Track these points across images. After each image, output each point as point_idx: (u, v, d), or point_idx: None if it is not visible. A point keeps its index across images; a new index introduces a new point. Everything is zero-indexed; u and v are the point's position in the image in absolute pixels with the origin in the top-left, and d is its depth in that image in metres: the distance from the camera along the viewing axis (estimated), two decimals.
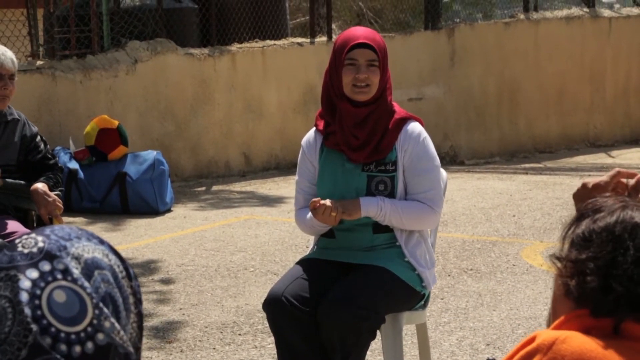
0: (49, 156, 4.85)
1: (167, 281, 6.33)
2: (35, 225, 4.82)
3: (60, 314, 1.43)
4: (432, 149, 3.84)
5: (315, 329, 3.64)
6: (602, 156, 12.33)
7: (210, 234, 7.72)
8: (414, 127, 3.82)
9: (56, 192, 4.72)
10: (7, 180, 4.69)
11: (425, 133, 3.84)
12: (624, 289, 1.69)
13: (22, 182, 4.72)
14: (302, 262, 3.85)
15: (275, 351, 3.84)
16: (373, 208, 3.73)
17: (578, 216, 1.81)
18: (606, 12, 13.28)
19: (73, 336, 1.43)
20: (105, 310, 1.46)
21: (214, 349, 5.06)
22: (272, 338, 3.81)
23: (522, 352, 1.70)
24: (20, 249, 1.47)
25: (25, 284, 1.44)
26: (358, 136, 3.79)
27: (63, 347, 1.42)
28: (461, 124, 12.01)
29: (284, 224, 8.01)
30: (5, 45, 5.76)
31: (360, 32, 3.82)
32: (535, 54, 12.46)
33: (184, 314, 5.62)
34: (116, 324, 1.46)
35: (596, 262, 1.71)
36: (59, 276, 1.45)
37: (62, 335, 1.42)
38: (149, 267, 6.66)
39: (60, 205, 4.66)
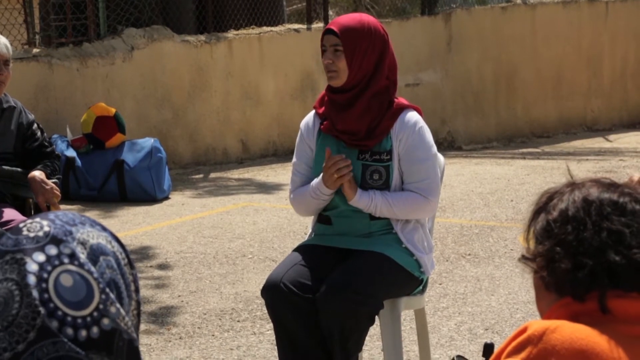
0: (46, 144, 4.84)
1: (165, 268, 6.33)
2: (32, 213, 4.81)
3: (67, 297, 1.43)
4: (429, 138, 3.80)
5: (313, 315, 3.64)
6: (600, 140, 12.33)
7: (208, 221, 7.72)
8: (411, 116, 3.79)
9: (54, 180, 4.71)
10: (4, 167, 4.68)
11: (423, 122, 3.81)
12: (594, 260, 1.73)
13: (20, 169, 4.72)
14: (299, 249, 3.85)
15: (274, 337, 3.85)
16: (364, 201, 3.73)
17: (533, 214, 1.85)
18: None
19: (79, 320, 1.43)
20: (111, 295, 1.46)
21: (213, 335, 5.07)
22: (271, 324, 3.81)
23: (513, 344, 1.72)
24: (25, 232, 1.47)
25: (32, 267, 1.44)
26: (340, 121, 3.78)
27: (69, 330, 1.42)
28: (458, 109, 12.00)
29: (282, 210, 8.01)
30: (1, 33, 5.74)
31: (339, 19, 3.82)
32: (532, 38, 12.45)
33: (182, 301, 5.63)
34: (121, 310, 1.47)
35: (561, 245, 1.75)
36: (66, 260, 1.45)
37: (69, 319, 1.43)
38: (147, 254, 6.66)
39: (58, 193, 4.65)
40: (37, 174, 4.65)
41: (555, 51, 12.62)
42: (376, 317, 3.68)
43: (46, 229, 1.47)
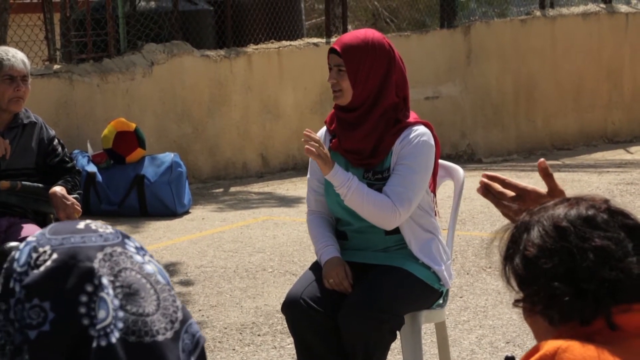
0: (67, 159, 4.86)
1: (186, 283, 6.34)
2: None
3: None
4: (427, 153, 3.69)
5: (333, 330, 3.63)
6: (621, 152, 12.28)
7: (229, 235, 7.73)
8: (416, 129, 3.71)
9: (74, 195, 4.73)
10: (25, 183, 4.71)
11: (428, 137, 3.70)
12: (593, 283, 1.71)
13: (41, 185, 4.74)
14: (318, 264, 3.83)
15: (294, 351, 3.85)
16: (339, 178, 3.65)
17: (505, 255, 1.82)
18: (623, 8, 13.22)
19: None
20: None
21: (234, 349, 5.07)
22: (292, 339, 3.81)
23: None
24: (101, 229, 1.51)
25: (138, 258, 1.50)
26: (346, 140, 3.74)
27: None
28: (478, 122, 11.98)
29: (302, 224, 8.01)
30: (22, 49, 5.77)
31: (343, 37, 3.77)
32: (552, 51, 12.42)
33: (203, 315, 5.63)
34: None
35: (556, 279, 1.73)
36: (143, 252, 1.52)
37: None
38: (168, 269, 6.68)
39: (79, 208, 4.67)
40: (58, 189, 4.67)
41: (575, 63, 12.58)
42: (397, 331, 3.67)
43: (109, 226, 1.53)
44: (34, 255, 1.45)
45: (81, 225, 1.50)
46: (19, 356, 1.40)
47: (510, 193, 2.21)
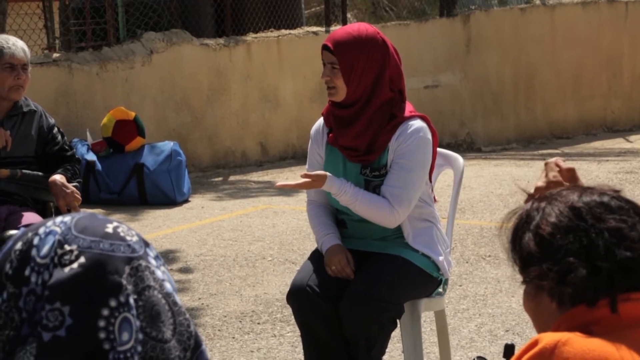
0: (67, 148, 4.86)
1: (185, 271, 6.35)
2: (53, 217, 4.82)
3: None
4: (424, 149, 3.66)
5: (338, 318, 3.63)
6: (620, 141, 12.28)
7: (228, 223, 7.73)
8: (412, 125, 3.66)
9: (74, 184, 4.73)
10: (25, 171, 4.71)
11: (425, 132, 3.67)
12: (609, 262, 1.72)
13: (40, 173, 4.74)
14: (318, 252, 3.83)
15: (294, 340, 3.86)
16: (334, 188, 3.65)
17: (514, 233, 1.82)
18: None
19: None
20: None
21: (233, 338, 5.08)
22: (291, 327, 3.82)
23: (525, 357, 1.70)
24: (128, 238, 1.44)
25: (159, 273, 1.44)
26: (341, 137, 3.72)
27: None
28: (478, 110, 11.98)
29: (301, 213, 8.01)
30: (21, 38, 5.77)
31: (335, 33, 3.73)
32: (552, 39, 12.41)
33: (202, 304, 5.64)
34: None
35: (571, 255, 1.73)
36: (161, 261, 1.48)
37: None
38: (168, 257, 6.69)
39: (79, 196, 4.67)
40: (58, 177, 4.67)
41: (575, 52, 12.57)
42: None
43: (133, 232, 1.47)
44: (59, 251, 1.39)
45: (109, 228, 1.43)
46: (21, 346, 1.36)
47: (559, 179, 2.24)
